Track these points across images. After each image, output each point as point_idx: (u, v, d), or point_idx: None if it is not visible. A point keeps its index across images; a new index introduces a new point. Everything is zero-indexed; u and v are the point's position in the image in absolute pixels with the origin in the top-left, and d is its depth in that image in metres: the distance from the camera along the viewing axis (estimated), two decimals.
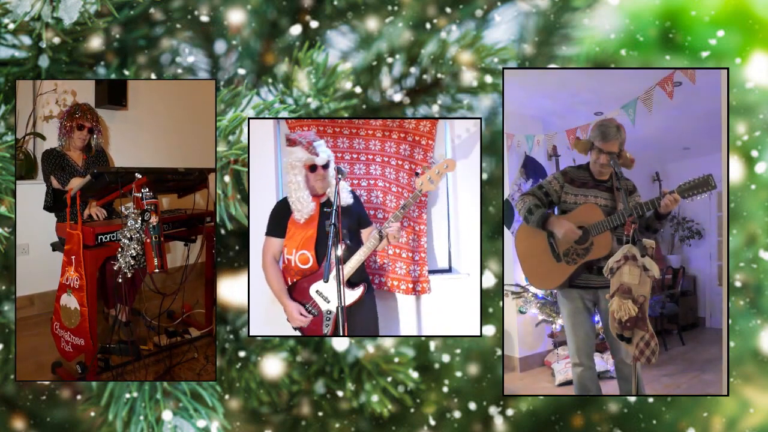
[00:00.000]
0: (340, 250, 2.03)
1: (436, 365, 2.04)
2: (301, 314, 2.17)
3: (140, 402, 1.80)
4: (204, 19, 2.00)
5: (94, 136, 2.74)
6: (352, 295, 2.15)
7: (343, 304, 2.03)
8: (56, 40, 1.77)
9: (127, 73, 1.95)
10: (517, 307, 2.93)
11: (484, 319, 2.00)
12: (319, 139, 2.22)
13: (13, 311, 1.91)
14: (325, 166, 2.19)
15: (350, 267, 2.15)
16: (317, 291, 2.18)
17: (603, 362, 2.64)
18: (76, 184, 2.60)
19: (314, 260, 2.19)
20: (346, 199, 2.21)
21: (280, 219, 2.23)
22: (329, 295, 2.17)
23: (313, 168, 2.18)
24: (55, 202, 2.65)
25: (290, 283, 2.23)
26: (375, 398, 1.92)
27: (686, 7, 2.08)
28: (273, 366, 1.93)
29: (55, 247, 2.63)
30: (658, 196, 2.05)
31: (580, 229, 2.14)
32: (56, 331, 2.28)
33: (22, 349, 2.00)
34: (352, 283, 2.17)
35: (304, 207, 2.18)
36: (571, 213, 2.19)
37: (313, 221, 2.20)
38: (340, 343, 1.94)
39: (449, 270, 2.64)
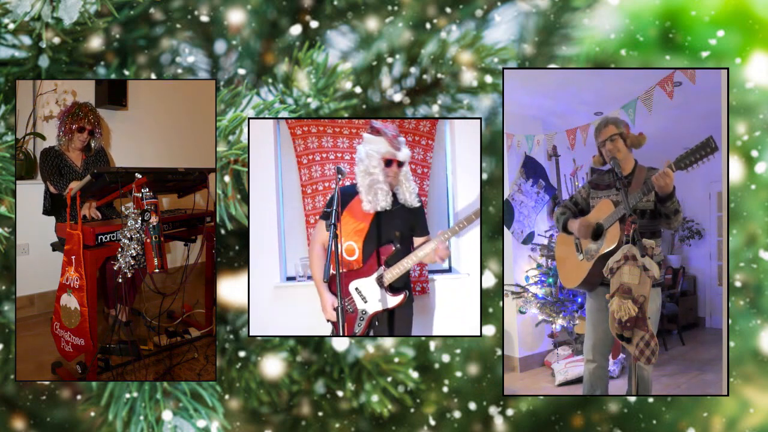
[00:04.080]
0: (341, 250, 2.03)
1: (436, 365, 2.04)
2: (334, 309, 2.11)
3: (140, 402, 1.80)
4: (204, 19, 2.00)
5: (95, 138, 2.74)
6: (392, 301, 2.14)
7: (342, 305, 2.03)
8: (56, 40, 1.77)
9: (127, 73, 1.95)
10: (517, 307, 2.93)
11: (484, 319, 2.00)
12: (401, 136, 2.18)
13: (13, 311, 1.91)
14: (400, 164, 2.15)
15: (395, 272, 2.14)
16: (356, 288, 2.17)
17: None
18: (75, 186, 2.60)
19: (360, 254, 2.17)
20: (413, 202, 2.18)
21: (337, 205, 2.12)
22: (368, 294, 2.16)
23: (389, 162, 2.14)
24: (53, 206, 2.64)
25: (331, 275, 2.10)
26: (375, 398, 1.92)
27: (686, 7, 2.08)
28: (273, 366, 1.93)
29: (55, 247, 2.63)
30: (645, 183, 2.07)
31: (596, 224, 2.17)
32: (56, 331, 2.28)
33: (22, 349, 2.00)
34: (394, 289, 2.16)
35: (380, 200, 2.13)
36: (590, 212, 2.23)
37: (369, 215, 2.17)
38: (340, 343, 1.94)
39: (449, 270, 2.64)
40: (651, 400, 2.06)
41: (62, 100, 3.05)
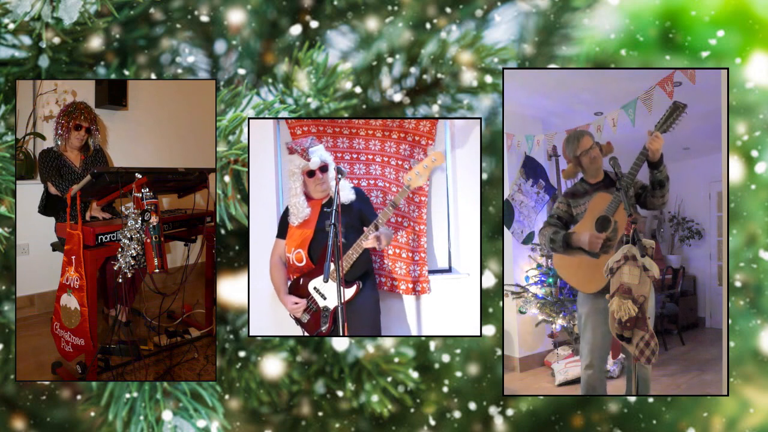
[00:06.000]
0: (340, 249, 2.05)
1: (436, 365, 2.04)
2: (295, 303, 2.23)
3: (140, 402, 1.80)
4: (204, 19, 2.00)
5: (92, 135, 2.73)
6: (346, 293, 2.19)
7: (342, 303, 2.04)
8: (56, 40, 1.77)
9: (127, 73, 1.94)
10: (517, 307, 2.93)
11: (484, 319, 2.00)
12: (316, 145, 2.25)
13: (13, 311, 1.91)
14: (323, 170, 2.23)
15: (344, 265, 2.19)
16: (315, 288, 2.24)
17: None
18: (76, 187, 2.60)
19: (307, 259, 2.24)
20: (348, 196, 2.25)
21: (283, 222, 2.32)
22: (325, 292, 2.22)
23: (311, 173, 2.22)
24: (47, 207, 2.64)
25: (292, 280, 2.29)
26: (375, 398, 1.92)
27: (686, 7, 2.08)
28: (273, 366, 1.93)
29: (55, 247, 2.63)
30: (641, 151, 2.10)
31: (599, 218, 2.17)
32: (56, 331, 2.28)
33: (22, 349, 2.00)
34: (346, 281, 2.20)
35: (299, 211, 2.24)
36: (586, 212, 2.23)
37: (311, 222, 2.25)
38: (340, 343, 1.94)
39: (449, 270, 2.64)
40: (651, 400, 2.06)
41: (62, 100, 3.05)
